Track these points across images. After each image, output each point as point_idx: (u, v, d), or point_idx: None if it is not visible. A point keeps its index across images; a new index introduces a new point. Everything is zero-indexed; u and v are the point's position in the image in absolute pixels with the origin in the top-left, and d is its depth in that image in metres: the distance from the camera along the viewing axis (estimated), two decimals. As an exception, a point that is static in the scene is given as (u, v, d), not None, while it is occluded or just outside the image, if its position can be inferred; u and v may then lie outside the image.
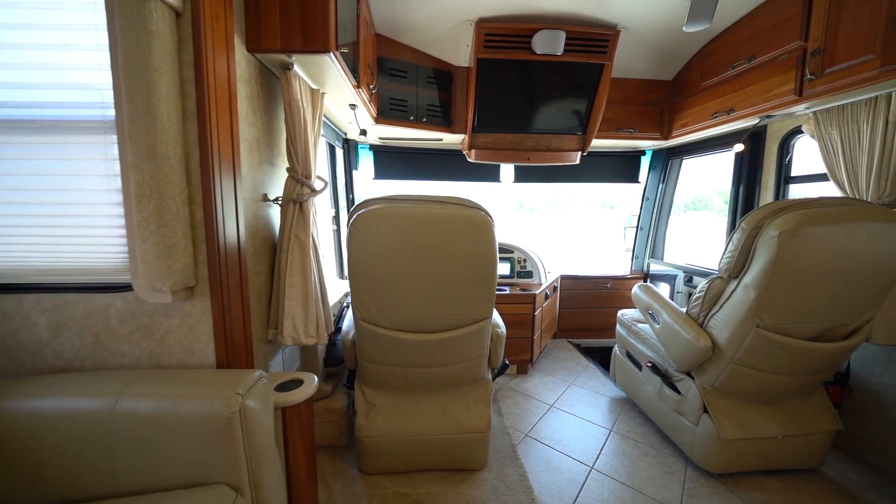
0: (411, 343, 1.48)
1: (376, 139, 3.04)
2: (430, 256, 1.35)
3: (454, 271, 1.37)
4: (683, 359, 1.69)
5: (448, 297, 1.41)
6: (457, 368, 1.61)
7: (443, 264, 1.35)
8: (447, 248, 1.34)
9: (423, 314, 1.45)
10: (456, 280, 1.38)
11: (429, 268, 1.36)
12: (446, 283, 1.39)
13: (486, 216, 1.38)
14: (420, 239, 1.33)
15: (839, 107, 1.82)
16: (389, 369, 1.59)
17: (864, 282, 1.39)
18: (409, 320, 1.46)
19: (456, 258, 1.36)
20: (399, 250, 1.34)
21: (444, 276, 1.37)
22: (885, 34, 1.55)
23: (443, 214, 1.34)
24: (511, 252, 3.03)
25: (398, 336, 1.47)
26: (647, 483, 1.66)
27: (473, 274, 1.38)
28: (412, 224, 1.33)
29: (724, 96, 2.35)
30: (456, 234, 1.34)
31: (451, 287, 1.39)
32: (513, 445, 1.91)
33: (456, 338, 1.48)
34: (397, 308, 1.43)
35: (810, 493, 1.62)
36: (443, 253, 1.34)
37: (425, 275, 1.37)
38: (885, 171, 1.64)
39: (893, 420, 1.73)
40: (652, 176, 3.37)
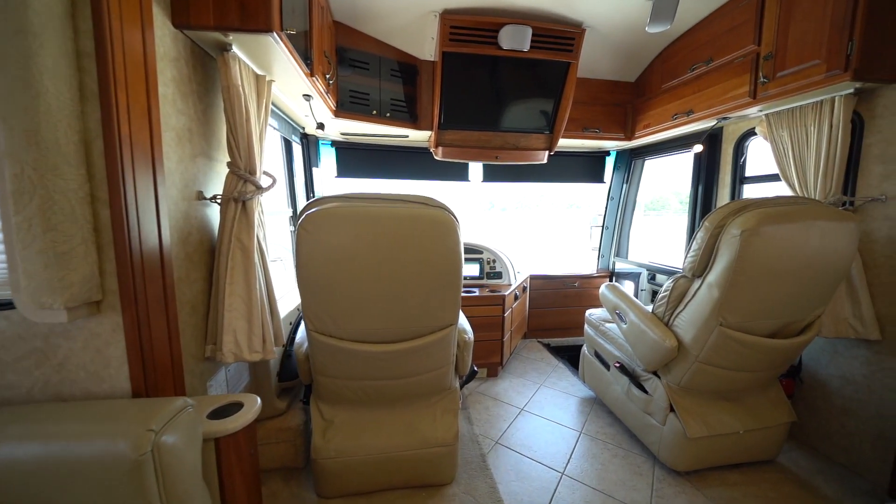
0: (370, 354, 1.36)
1: (337, 135, 2.87)
2: (389, 260, 1.23)
3: (416, 276, 1.26)
4: (650, 359, 1.68)
5: (410, 304, 1.31)
6: (421, 379, 1.50)
7: (403, 268, 1.25)
8: (408, 250, 1.23)
9: (383, 323, 1.33)
10: (418, 285, 1.28)
11: (388, 272, 1.24)
12: (408, 289, 1.28)
13: (451, 216, 1.28)
14: (378, 241, 1.22)
15: (789, 110, 1.89)
16: (347, 383, 1.46)
17: (817, 278, 1.43)
18: (367, 330, 1.34)
19: (418, 261, 1.25)
20: (354, 254, 1.21)
21: (405, 281, 1.26)
22: (829, 41, 1.61)
23: (403, 214, 1.23)
24: (480, 252, 2.97)
25: (355, 348, 1.34)
26: (617, 486, 1.64)
27: (437, 278, 1.29)
28: (369, 225, 1.21)
29: (683, 98, 2.41)
30: (418, 236, 1.23)
31: (413, 293, 1.29)
32: (483, 455, 1.83)
33: (419, 347, 1.38)
34: (353, 317, 1.31)
35: (769, 485, 1.66)
36: (403, 256, 1.23)
37: (384, 280, 1.25)
38: (830, 171, 1.72)
39: (839, 408, 1.82)
40: (616, 176, 3.43)
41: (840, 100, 1.68)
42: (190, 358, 1.24)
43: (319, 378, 1.48)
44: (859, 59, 1.53)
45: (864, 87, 1.65)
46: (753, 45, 1.94)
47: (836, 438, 1.83)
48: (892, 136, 1.63)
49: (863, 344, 1.72)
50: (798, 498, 1.59)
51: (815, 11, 1.66)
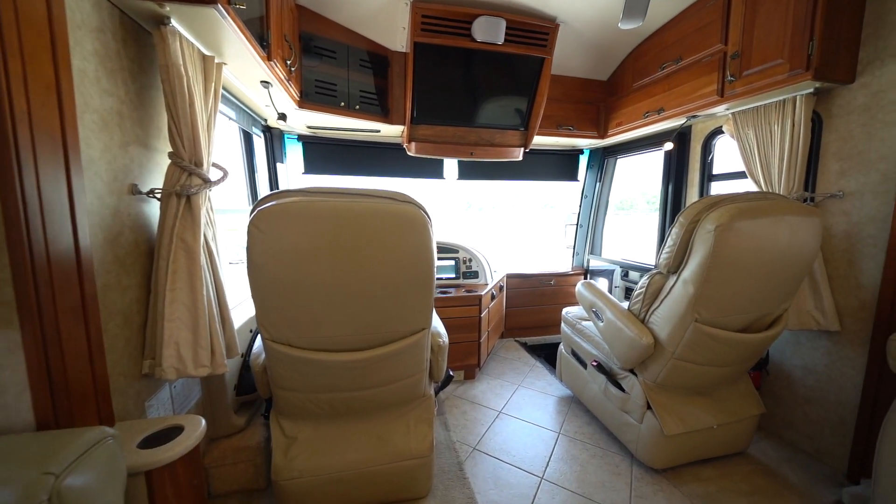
0: (336, 364, 1.24)
1: (304, 128, 2.70)
2: (353, 260, 1.12)
3: (384, 277, 1.16)
4: (627, 356, 1.66)
5: (378, 308, 1.20)
6: (393, 388, 1.40)
7: (370, 269, 1.14)
8: (375, 249, 1.13)
9: (349, 329, 1.22)
10: (386, 287, 1.18)
11: (352, 274, 1.13)
12: (375, 291, 1.17)
13: (422, 212, 1.19)
14: (341, 239, 1.10)
15: (754, 108, 1.93)
16: (311, 396, 1.33)
17: (786, 272, 1.45)
18: (330, 338, 1.22)
19: (386, 261, 1.15)
20: (314, 254, 1.10)
21: (372, 283, 1.16)
22: (791, 41, 1.64)
23: (368, 210, 1.12)
24: (456, 252, 2.89)
25: (318, 357, 1.22)
26: (597, 488, 1.61)
27: (407, 279, 1.19)
28: (330, 222, 1.09)
29: (654, 96, 2.43)
30: (385, 233, 1.13)
31: (381, 295, 1.18)
32: (460, 463, 1.75)
33: (390, 354, 1.28)
34: (315, 324, 1.19)
35: (741, 477, 1.69)
36: (369, 256, 1.13)
37: (348, 282, 1.14)
38: (792, 168, 1.76)
39: (802, 397, 1.88)
40: (590, 174, 3.46)
41: (801, 99, 1.72)
42: (121, 377, 1.07)
43: (279, 392, 1.34)
44: (819, 59, 1.57)
45: (822, 88, 1.70)
46: (721, 45, 1.97)
47: (799, 426, 1.89)
48: (847, 135, 1.69)
49: (824, 335, 1.78)
50: (767, 488, 1.61)
51: (778, 12, 1.69)
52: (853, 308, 1.67)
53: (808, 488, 1.62)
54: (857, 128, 1.65)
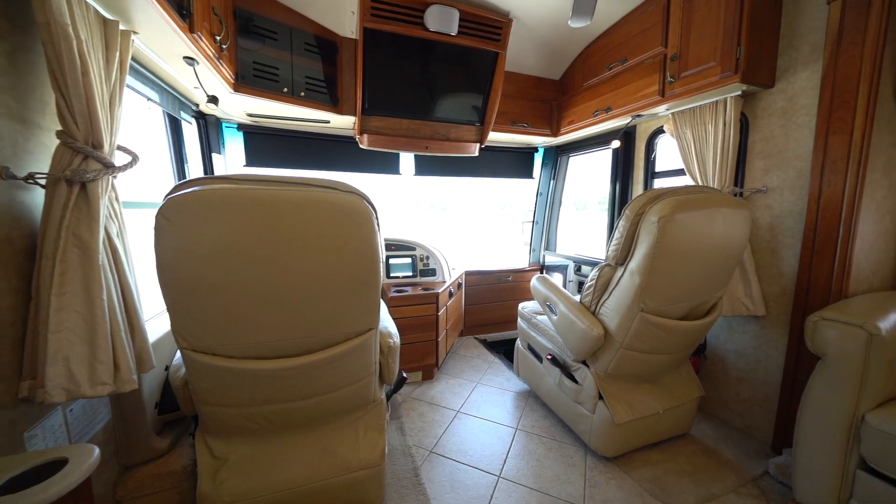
0: (269, 373, 1.11)
1: (243, 115, 2.47)
2: (286, 256, 1.00)
3: (323, 274, 1.05)
4: (579, 348, 1.68)
5: (316, 308, 1.09)
6: (339, 395, 1.29)
7: (306, 265, 1.03)
8: (311, 243, 1.02)
9: (283, 333, 1.09)
10: (326, 285, 1.07)
11: (286, 272, 1.01)
12: (313, 290, 1.06)
13: (366, 204, 1.10)
14: (271, 233, 0.98)
15: (691, 109, 2.04)
16: (242, 411, 1.19)
17: (720, 262, 1.54)
18: (262, 343, 1.09)
19: (324, 257, 1.04)
20: (239, 249, 0.96)
21: (309, 281, 1.05)
22: (722, 46, 1.75)
23: (304, 200, 1.00)
24: (412, 249, 2.81)
25: (248, 367, 1.09)
26: (553, 482, 1.61)
27: (350, 275, 1.09)
28: (258, 212, 0.97)
29: (603, 96, 2.51)
30: (323, 226, 1.02)
31: (321, 294, 1.07)
32: (415, 468, 1.68)
33: (332, 358, 1.17)
34: (242, 329, 1.05)
35: (685, 458, 1.78)
36: (305, 250, 1.02)
37: (280, 281, 1.02)
38: (724, 165, 1.89)
39: (735, 378, 2.02)
40: (544, 172, 3.53)
41: (731, 101, 1.85)
42: (-14, 403, 0.87)
43: (204, 408, 1.18)
44: (746, 64, 1.69)
45: (748, 91, 1.83)
46: (661, 48, 2.07)
47: (733, 406, 2.04)
48: (769, 135, 1.84)
49: (752, 320, 1.92)
50: (708, 467, 1.71)
51: (710, 17, 1.80)
52: (776, 294, 1.83)
53: (740, 463, 1.74)
54: (777, 128, 1.80)
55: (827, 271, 1.58)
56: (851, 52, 1.49)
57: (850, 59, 1.50)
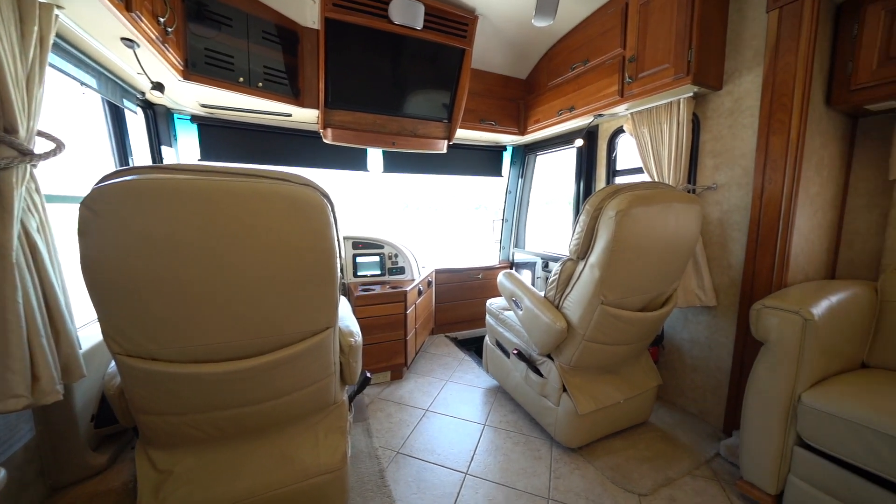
0: (216, 377, 1.04)
1: (197, 107, 2.33)
2: (231, 251, 0.94)
3: (273, 270, 0.99)
4: (544, 342, 1.70)
5: (267, 307, 1.03)
6: (296, 397, 1.23)
7: (254, 262, 0.96)
8: (259, 237, 0.96)
9: (231, 334, 1.02)
10: (277, 282, 1.01)
11: (231, 268, 0.95)
12: (263, 288, 1.00)
13: (320, 196, 1.05)
14: (215, 226, 0.91)
15: (648, 109, 2.13)
16: (187, 419, 1.10)
17: (674, 254, 1.61)
18: (207, 346, 1.01)
19: (275, 252, 0.98)
20: (176, 244, 0.89)
21: (258, 278, 0.99)
22: (675, 49, 1.83)
23: (251, 191, 0.94)
24: (381, 247, 2.75)
25: (192, 371, 1.01)
26: (519, 475, 1.62)
27: (303, 271, 1.04)
28: (200, 204, 0.90)
29: (567, 95, 2.57)
30: (272, 219, 0.96)
31: (271, 292, 1.01)
32: (381, 471, 1.63)
33: (287, 359, 1.11)
34: (184, 330, 0.97)
35: (645, 444, 1.84)
36: (253, 245, 0.96)
37: (227, 278, 0.95)
38: (678, 163, 1.97)
39: (689, 366, 2.12)
40: (513, 170, 3.57)
41: (684, 101, 1.93)
42: None
43: (144, 418, 1.08)
44: (696, 66, 1.77)
45: (699, 92, 1.93)
46: (620, 49, 2.14)
47: (688, 392, 2.14)
48: (718, 135, 1.95)
49: (705, 310, 2.03)
50: (665, 452, 1.78)
51: (664, 22, 1.88)
52: (725, 285, 1.93)
53: (695, 446, 1.82)
54: (725, 129, 1.91)
55: (769, 263, 1.69)
56: (787, 58, 1.60)
57: (787, 65, 1.60)
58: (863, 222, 1.76)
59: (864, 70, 1.52)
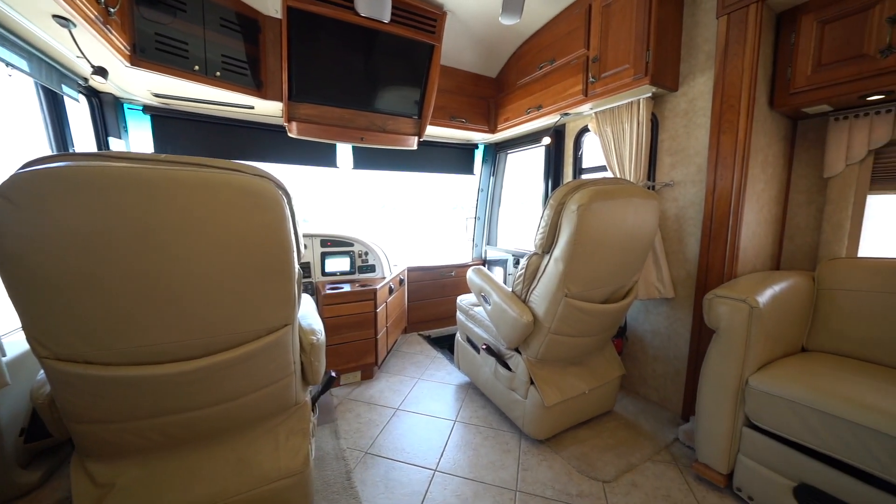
0: (161, 380, 0.97)
1: (148, 95, 2.18)
2: (177, 245, 0.88)
3: (223, 265, 0.94)
4: (511, 336, 1.72)
5: (217, 304, 0.97)
6: (252, 399, 1.17)
7: (201, 256, 0.91)
8: (208, 231, 0.90)
9: (177, 333, 0.96)
10: (227, 278, 0.96)
11: (176, 262, 0.89)
12: (212, 284, 0.94)
13: (276, 188, 1.00)
14: (155, 218, 0.85)
15: (611, 109, 2.20)
16: (128, 426, 1.03)
17: (633, 248, 1.66)
18: (151, 346, 0.95)
19: (225, 245, 0.93)
20: (112, 237, 0.82)
21: (207, 274, 0.93)
22: (634, 50, 1.90)
23: (197, 181, 0.89)
24: (350, 245, 2.69)
25: (134, 374, 0.94)
26: (488, 469, 1.62)
27: (256, 266, 0.99)
28: (138, 194, 0.83)
29: (534, 94, 2.61)
30: (221, 210, 0.91)
31: (221, 288, 0.96)
32: (348, 472, 1.59)
33: (240, 358, 1.05)
34: (124, 330, 0.90)
35: (609, 432, 1.90)
36: (200, 239, 0.90)
37: (171, 274, 0.89)
38: (639, 161, 2.05)
39: (651, 356, 2.21)
40: (485, 169, 3.59)
41: (643, 102, 2.01)
42: None
43: (79, 428, 1.00)
44: (654, 67, 1.85)
45: (657, 93, 2.01)
46: (584, 49, 2.19)
47: (650, 381, 2.23)
48: (675, 134, 2.04)
49: (665, 302, 2.12)
50: (628, 439, 1.84)
51: (625, 24, 1.94)
52: (682, 278, 2.03)
53: (656, 433, 1.90)
54: (681, 128, 2.00)
55: (721, 255, 1.78)
56: (735, 62, 1.70)
57: (735, 69, 1.70)
58: (802, 217, 1.90)
59: (801, 75, 1.63)
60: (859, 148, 1.65)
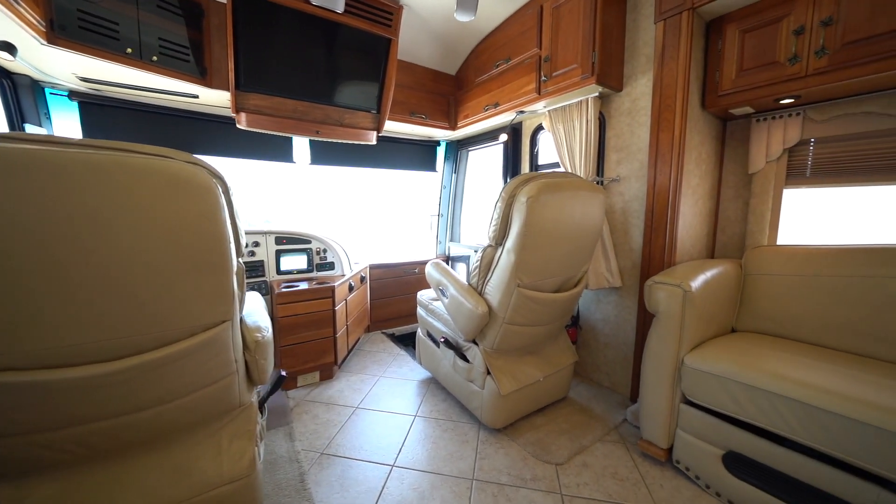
0: (77, 384, 0.89)
1: (73, 79, 2.00)
2: (92, 235, 0.81)
3: (147, 258, 0.88)
4: (468, 327, 1.74)
5: (144, 298, 0.90)
6: (189, 401, 1.10)
7: (122, 248, 0.84)
8: (129, 220, 0.84)
9: (96, 332, 0.88)
10: (152, 271, 0.89)
11: (93, 255, 0.82)
12: (135, 278, 0.88)
13: (209, 175, 0.95)
14: (65, 206, 0.78)
15: (562, 107, 2.28)
16: (40, 438, 0.93)
17: (582, 239, 1.74)
18: (66, 347, 0.86)
19: (149, 236, 0.87)
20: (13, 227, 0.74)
21: (128, 266, 0.86)
22: (582, 50, 1.99)
23: (114, 166, 0.82)
24: (308, 243, 2.61)
25: (41, 378, 0.85)
26: (446, 461, 1.63)
27: (187, 260, 0.93)
28: (42, 179, 0.76)
29: (492, 92, 2.66)
30: (147, 198, 0.85)
31: (146, 283, 0.89)
32: (302, 474, 1.54)
33: (172, 357, 0.99)
34: (28, 330, 0.81)
35: (563, 417, 1.97)
36: (119, 229, 0.83)
37: (87, 267, 0.82)
38: (589, 157, 2.15)
39: (602, 343, 2.32)
40: (447, 166, 3.61)
41: (591, 101, 2.11)
42: None
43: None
44: (600, 68, 1.94)
45: (604, 93, 2.11)
46: (537, 49, 2.26)
47: (602, 367, 2.34)
48: (620, 132, 2.15)
49: (613, 291, 2.23)
50: (581, 423, 1.92)
51: (573, 25, 2.03)
52: (628, 267, 2.14)
53: (607, 415, 1.99)
54: (625, 126, 2.12)
55: (661, 245, 1.90)
56: (671, 65, 1.82)
57: (671, 71, 1.82)
58: (732, 210, 2.07)
59: (727, 79, 1.78)
60: (776, 147, 1.83)
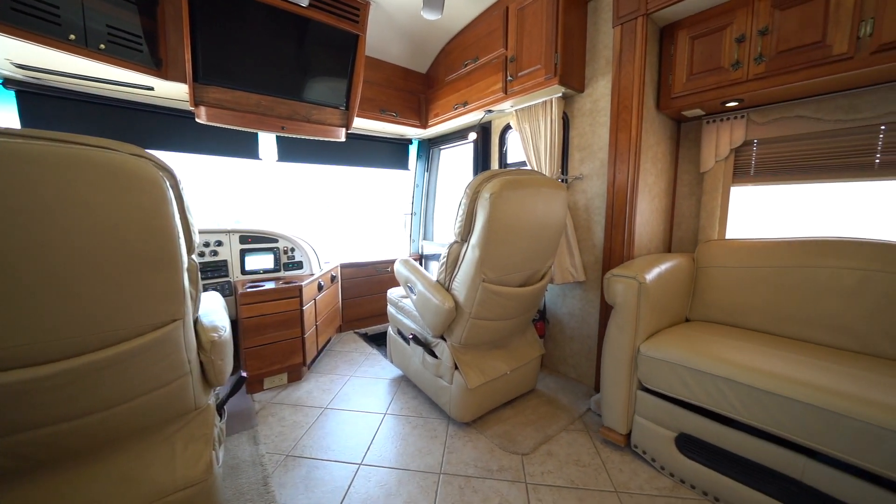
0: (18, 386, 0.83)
1: (8, 66, 1.86)
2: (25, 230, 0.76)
3: (87, 253, 0.83)
4: (435, 323, 1.75)
5: (88, 296, 0.85)
6: (139, 405, 1.05)
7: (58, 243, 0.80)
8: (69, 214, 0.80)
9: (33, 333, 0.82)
10: (94, 268, 0.85)
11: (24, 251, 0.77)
12: (75, 275, 0.83)
13: (155, 168, 0.91)
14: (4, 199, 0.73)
15: (528, 107, 2.34)
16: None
17: (545, 235, 1.79)
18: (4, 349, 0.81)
19: (89, 232, 0.82)
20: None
21: (66, 263, 0.81)
22: (545, 51, 2.04)
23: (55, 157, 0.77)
24: (274, 241, 2.54)
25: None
26: (414, 457, 1.64)
27: (132, 256, 0.89)
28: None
29: (461, 90, 2.68)
30: (86, 192, 0.81)
31: (87, 280, 0.85)
32: (265, 478, 1.50)
33: (117, 358, 0.94)
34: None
35: (531, 409, 2.02)
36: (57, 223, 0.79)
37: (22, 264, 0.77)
38: (553, 156, 2.21)
39: (568, 336, 2.40)
40: (419, 164, 3.62)
41: (555, 101, 2.17)
42: None
43: None
44: (562, 69, 2.00)
45: (567, 93, 2.18)
46: (503, 49, 2.31)
47: (568, 359, 2.41)
48: (582, 132, 2.23)
49: (578, 286, 2.31)
50: (548, 413, 1.98)
51: (537, 27, 2.08)
52: (591, 262, 2.22)
53: (572, 405, 2.06)
54: (587, 126, 2.19)
55: (620, 241, 1.99)
56: (628, 68, 1.90)
57: (628, 74, 1.90)
58: (686, 207, 2.19)
59: (679, 82, 1.88)
60: (724, 147, 1.95)
